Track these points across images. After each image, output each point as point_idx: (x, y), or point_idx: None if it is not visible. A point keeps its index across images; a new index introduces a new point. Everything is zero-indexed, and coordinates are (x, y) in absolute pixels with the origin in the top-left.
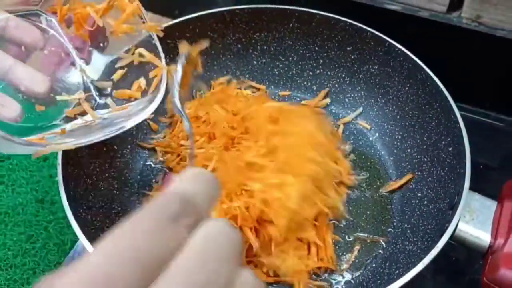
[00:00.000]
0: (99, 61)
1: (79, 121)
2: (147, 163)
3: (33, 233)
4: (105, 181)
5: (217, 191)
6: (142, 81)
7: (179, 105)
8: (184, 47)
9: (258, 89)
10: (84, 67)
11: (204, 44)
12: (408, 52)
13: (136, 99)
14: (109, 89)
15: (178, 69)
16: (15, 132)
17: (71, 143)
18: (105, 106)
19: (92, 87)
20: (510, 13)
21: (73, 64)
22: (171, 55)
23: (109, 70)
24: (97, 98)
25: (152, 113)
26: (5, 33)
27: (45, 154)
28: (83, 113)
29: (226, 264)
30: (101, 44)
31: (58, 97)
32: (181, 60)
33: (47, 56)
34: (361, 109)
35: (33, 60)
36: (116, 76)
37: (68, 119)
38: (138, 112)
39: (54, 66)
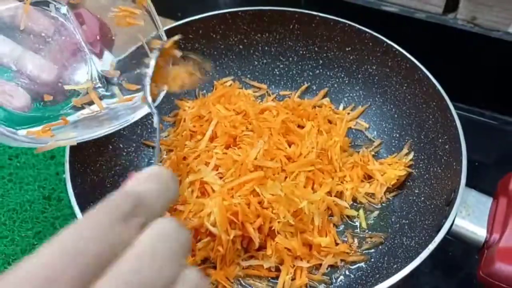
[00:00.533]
0: (108, 59)
1: (85, 111)
2: (152, 161)
3: (40, 229)
4: (111, 178)
5: (173, 192)
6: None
7: (149, 100)
8: (156, 42)
9: (260, 89)
10: (94, 58)
11: (177, 36)
12: (406, 53)
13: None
14: (115, 79)
15: (151, 64)
16: (22, 121)
17: (75, 138)
18: (112, 96)
19: (99, 76)
20: (505, 14)
21: (81, 52)
22: None
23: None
24: (104, 88)
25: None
26: (14, 22)
27: (52, 152)
28: (90, 103)
29: (170, 263)
30: (109, 44)
31: (66, 87)
32: (154, 55)
33: (56, 45)
34: (359, 108)
35: (42, 48)
36: (118, 66)
37: (75, 109)
38: (142, 105)
39: (62, 54)
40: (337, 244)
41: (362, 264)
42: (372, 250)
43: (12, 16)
